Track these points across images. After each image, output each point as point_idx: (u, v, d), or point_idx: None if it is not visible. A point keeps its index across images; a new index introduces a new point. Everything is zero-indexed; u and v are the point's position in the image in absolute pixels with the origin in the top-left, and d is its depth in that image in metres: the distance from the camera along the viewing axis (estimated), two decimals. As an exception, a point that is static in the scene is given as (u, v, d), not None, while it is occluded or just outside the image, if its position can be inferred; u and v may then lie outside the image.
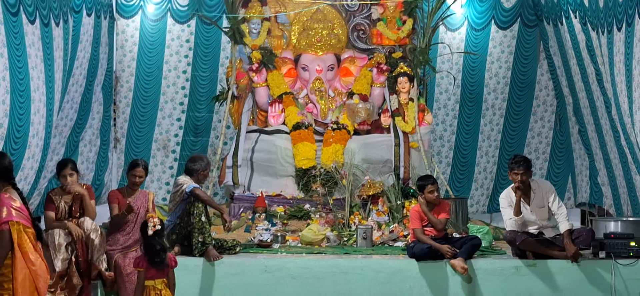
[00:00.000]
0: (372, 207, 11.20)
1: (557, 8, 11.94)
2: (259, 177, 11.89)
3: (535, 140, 13.79)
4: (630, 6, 9.45)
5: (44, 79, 9.73)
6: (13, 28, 8.94)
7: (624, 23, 9.62)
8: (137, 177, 9.09)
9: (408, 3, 12.49)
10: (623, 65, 9.73)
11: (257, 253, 9.78)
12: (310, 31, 12.64)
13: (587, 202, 13.14)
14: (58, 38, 10.05)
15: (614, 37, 9.93)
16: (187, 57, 13.51)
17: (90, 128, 12.17)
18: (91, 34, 11.28)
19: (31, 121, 9.49)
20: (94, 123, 12.23)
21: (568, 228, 9.06)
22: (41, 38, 9.57)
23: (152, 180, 13.47)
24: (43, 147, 10.00)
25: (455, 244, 9.16)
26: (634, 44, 9.42)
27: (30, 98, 9.37)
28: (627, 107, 9.87)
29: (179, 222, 9.31)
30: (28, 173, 9.69)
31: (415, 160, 11.97)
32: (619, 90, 10.04)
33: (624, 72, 9.73)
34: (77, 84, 11.22)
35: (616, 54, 9.91)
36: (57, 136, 10.96)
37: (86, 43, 11.12)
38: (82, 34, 10.97)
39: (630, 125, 9.91)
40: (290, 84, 12.56)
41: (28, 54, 9.29)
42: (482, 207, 13.83)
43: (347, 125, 12.20)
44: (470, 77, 13.69)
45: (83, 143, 12.00)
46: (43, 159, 10.16)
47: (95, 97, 12.07)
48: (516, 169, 9.12)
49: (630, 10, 9.45)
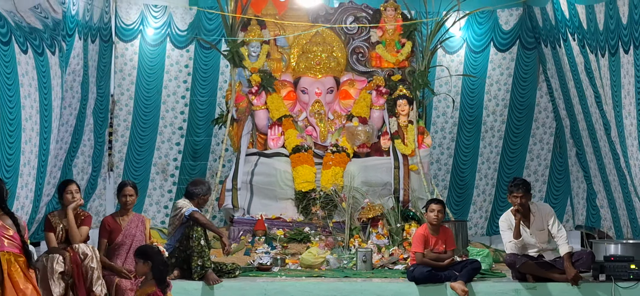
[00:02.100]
0: (371, 230, 11.20)
1: (555, 31, 11.95)
2: (258, 200, 11.88)
3: (534, 162, 13.77)
4: (637, 29, 9.44)
5: (38, 108, 9.68)
6: (4, 57, 8.87)
7: (631, 45, 9.57)
8: (126, 196, 9.01)
9: (407, 26, 12.52)
10: (633, 88, 9.67)
11: (256, 276, 9.75)
12: (310, 54, 12.64)
13: (584, 225, 13.10)
14: (55, 66, 10.01)
15: (619, 60, 9.89)
16: (186, 83, 13.54)
17: (82, 156, 12.09)
18: (81, 57, 11.25)
19: (22, 150, 9.41)
20: (85, 150, 12.15)
21: (568, 251, 9.03)
22: (36, 67, 9.52)
23: (151, 203, 13.48)
24: (36, 175, 9.91)
25: (455, 267, 9.15)
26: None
27: (20, 127, 9.30)
28: (634, 129, 9.84)
29: (178, 245, 9.28)
30: (23, 202, 9.64)
31: (415, 183, 11.95)
32: (626, 112, 10.00)
33: (634, 94, 9.67)
34: (70, 107, 11.19)
35: (624, 76, 9.86)
36: (53, 160, 10.93)
37: (76, 67, 11.09)
38: (72, 57, 10.93)
39: (636, 148, 9.88)
40: (290, 107, 12.58)
41: (21, 83, 9.23)
42: (480, 229, 13.80)
43: (347, 147, 12.20)
44: (469, 99, 13.70)
45: (76, 170, 11.93)
46: (39, 187, 10.08)
47: (87, 121, 12.02)
48: (515, 192, 9.10)
49: (637, 33, 9.44)
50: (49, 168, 10.46)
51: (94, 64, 12.04)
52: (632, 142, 9.98)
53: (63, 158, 11.28)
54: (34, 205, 10.06)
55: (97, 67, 12.18)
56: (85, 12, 11.29)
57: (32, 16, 9.49)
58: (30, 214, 9.96)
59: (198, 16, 13.43)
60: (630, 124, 9.94)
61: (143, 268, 7.79)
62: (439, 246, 9.24)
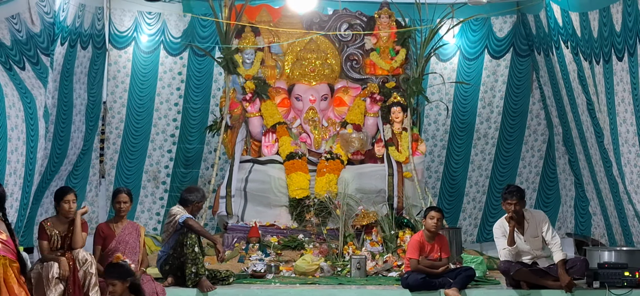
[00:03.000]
0: (366, 237, 11.16)
1: (548, 38, 11.97)
2: (252, 207, 11.85)
3: (526, 169, 13.79)
4: (630, 36, 9.45)
5: (24, 117, 9.65)
6: None
7: (626, 53, 9.60)
8: (121, 203, 9.00)
9: (401, 33, 12.51)
10: (630, 94, 9.69)
11: (250, 283, 9.73)
12: (304, 61, 12.64)
13: (573, 233, 13.09)
14: (30, 79, 9.95)
15: (613, 67, 9.91)
16: (179, 90, 13.56)
17: (67, 159, 12.00)
18: (60, 62, 11.13)
19: (8, 159, 9.39)
20: (70, 153, 12.05)
21: (562, 258, 9.02)
22: (11, 79, 9.51)
23: (143, 210, 13.47)
24: (22, 185, 9.85)
25: (449, 274, 9.13)
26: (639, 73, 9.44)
27: (6, 136, 9.27)
28: (631, 135, 9.85)
29: (172, 252, 9.27)
30: (8, 211, 9.62)
31: (409, 190, 11.94)
32: (620, 119, 9.99)
33: (632, 101, 9.69)
34: (53, 115, 11.10)
35: (618, 83, 9.88)
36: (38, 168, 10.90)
37: (55, 72, 10.95)
38: (57, 64, 10.89)
39: (631, 154, 9.89)
40: (284, 114, 12.54)
41: (5, 94, 9.22)
42: (470, 236, 13.79)
43: (341, 154, 12.18)
44: (461, 106, 13.72)
45: (59, 176, 11.84)
46: (25, 196, 10.02)
47: (74, 127, 11.94)
48: (510, 199, 9.10)
49: (631, 40, 9.45)
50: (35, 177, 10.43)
51: (84, 70, 11.98)
52: (629, 149, 9.99)
53: (44, 165, 11.19)
54: (20, 214, 10.02)
55: (89, 73, 12.13)
56: (76, 18, 11.25)
57: (4, 29, 9.42)
58: (15, 223, 9.86)
59: (192, 23, 13.42)
60: (626, 131, 9.96)
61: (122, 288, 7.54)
62: (434, 254, 9.24)
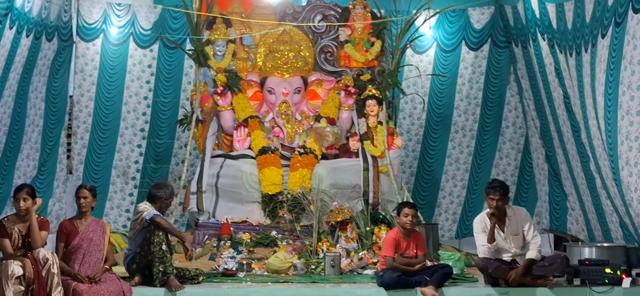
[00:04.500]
0: (340, 234, 11.06)
1: (525, 30, 11.94)
2: (224, 203, 11.73)
3: (503, 161, 13.75)
4: (595, 27, 9.40)
5: None
6: None
7: (590, 44, 9.57)
8: (82, 199, 8.82)
9: (376, 24, 12.45)
10: (590, 88, 9.68)
11: (221, 282, 9.59)
12: (277, 53, 12.57)
13: (548, 228, 13.04)
14: None
15: (582, 59, 9.89)
16: (148, 83, 13.46)
17: (27, 159, 11.85)
18: (25, 55, 11.01)
19: None
20: (31, 153, 11.90)
21: (533, 257, 8.84)
22: None
23: (112, 207, 13.39)
24: None
25: (426, 272, 8.98)
26: (596, 64, 9.38)
27: None
28: (596, 130, 9.80)
29: (139, 250, 9.12)
30: None
31: (385, 185, 11.85)
32: (588, 113, 9.97)
33: (591, 95, 9.66)
34: (5, 105, 10.93)
35: (584, 76, 9.85)
36: None
37: (18, 64, 10.85)
38: (18, 54, 10.71)
39: (601, 148, 9.81)
40: (256, 108, 12.45)
41: None
42: (448, 232, 13.74)
43: (315, 149, 12.09)
44: (437, 99, 13.68)
45: (18, 174, 11.67)
46: None
47: (29, 121, 11.75)
48: (492, 194, 8.92)
49: (595, 30, 9.41)
50: None
51: (47, 62, 11.82)
52: (597, 143, 9.95)
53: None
54: None
55: (51, 66, 11.99)
56: (42, 9, 11.10)
57: None
58: None
59: (163, 15, 13.34)
60: (593, 125, 9.90)
61: None
62: (410, 251, 9.11)
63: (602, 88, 9.23)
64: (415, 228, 9.37)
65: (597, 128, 9.71)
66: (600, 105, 9.37)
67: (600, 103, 9.34)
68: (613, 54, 8.97)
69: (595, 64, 9.44)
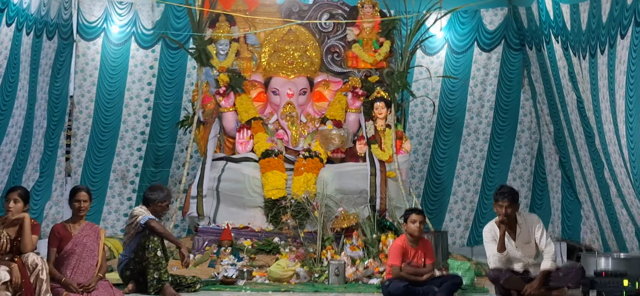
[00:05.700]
0: (345, 241, 10.93)
1: (539, 32, 11.85)
2: (225, 208, 11.59)
3: (519, 166, 13.67)
4: (613, 27, 9.23)
5: None
6: None
7: (607, 45, 9.43)
8: (80, 202, 8.65)
9: (385, 24, 12.38)
10: (607, 91, 9.53)
11: (219, 290, 9.49)
12: (282, 53, 12.51)
13: (560, 237, 12.88)
14: None
15: (597, 61, 9.75)
16: (150, 85, 13.47)
17: (32, 162, 11.83)
18: (29, 54, 11.00)
19: None
20: (36, 155, 11.89)
21: (549, 268, 8.58)
22: None
23: (110, 211, 13.37)
24: None
25: (434, 282, 8.86)
26: (616, 66, 9.22)
27: None
28: (613, 135, 9.64)
29: (133, 256, 9.01)
30: None
31: (392, 191, 11.73)
32: (603, 117, 9.83)
33: (609, 98, 9.52)
34: (20, 107, 10.92)
35: (600, 78, 9.72)
36: (1, 163, 10.50)
37: (25, 64, 10.84)
38: (23, 54, 10.69)
39: (617, 154, 9.64)
40: (260, 109, 12.37)
41: None
42: (459, 239, 13.64)
43: (320, 153, 11.97)
44: (448, 102, 13.63)
45: (26, 176, 11.66)
46: None
47: (36, 123, 11.72)
48: (501, 201, 8.69)
49: (613, 31, 9.23)
50: None
51: (49, 61, 11.79)
52: (613, 149, 9.77)
53: (11, 162, 11.02)
54: None
55: (53, 65, 11.94)
56: (41, 6, 11.05)
57: None
58: None
59: (165, 14, 13.33)
60: (608, 130, 9.74)
61: None
62: (418, 259, 8.98)
63: (623, 90, 9.03)
64: (424, 235, 9.20)
65: (614, 133, 9.53)
66: (620, 109, 9.18)
67: (621, 106, 9.14)
68: (634, 54, 8.76)
69: (614, 65, 9.25)
